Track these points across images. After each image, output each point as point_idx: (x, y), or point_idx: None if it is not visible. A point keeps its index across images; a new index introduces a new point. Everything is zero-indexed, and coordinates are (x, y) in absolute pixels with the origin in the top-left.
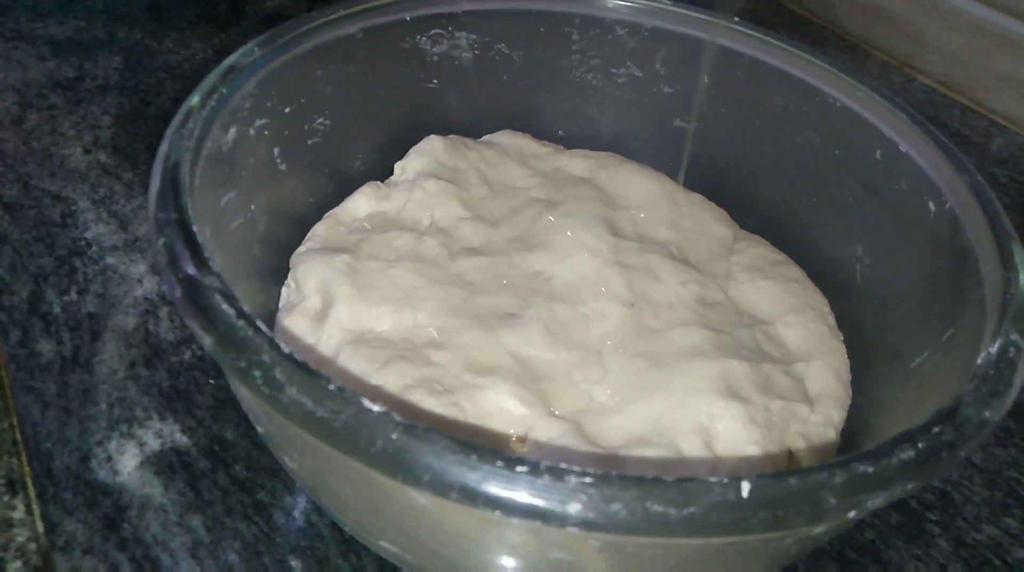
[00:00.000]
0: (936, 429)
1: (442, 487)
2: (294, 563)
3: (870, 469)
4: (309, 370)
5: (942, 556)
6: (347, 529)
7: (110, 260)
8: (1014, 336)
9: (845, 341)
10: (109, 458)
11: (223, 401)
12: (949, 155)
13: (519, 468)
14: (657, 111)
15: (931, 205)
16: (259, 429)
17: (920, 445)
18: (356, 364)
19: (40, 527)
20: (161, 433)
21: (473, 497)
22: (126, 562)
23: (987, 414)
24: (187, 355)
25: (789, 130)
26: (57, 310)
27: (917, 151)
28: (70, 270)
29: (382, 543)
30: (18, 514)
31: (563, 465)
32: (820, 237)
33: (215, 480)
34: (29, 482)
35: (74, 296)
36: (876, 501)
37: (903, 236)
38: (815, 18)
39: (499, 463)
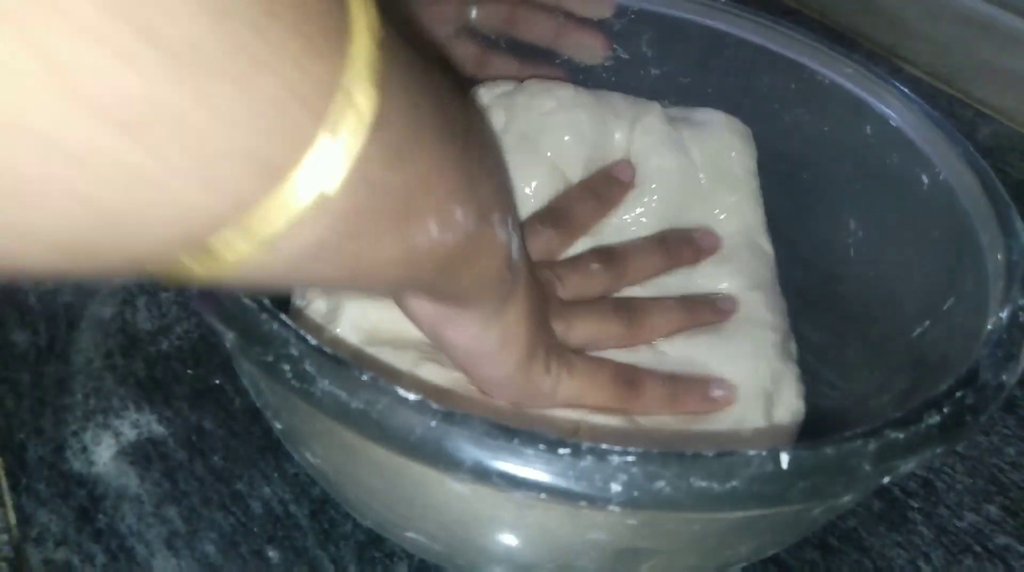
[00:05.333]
0: (959, 394)
1: (484, 473)
2: (272, 553)
3: (901, 435)
4: (340, 361)
5: (924, 543)
6: (367, 523)
7: None
8: (1023, 301)
9: (841, 316)
10: (84, 448)
11: (201, 391)
12: (941, 128)
13: (561, 450)
14: (643, 93)
15: (924, 178)
16: (277, 425)
17: (946, 410)
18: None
19: (12, 518)
20: (138, 423)
21: (516, 482)
22: (100, 553)
23: (1004, 377)
24: (164, 345)
25: (778, 108)
26: (32, 300)
27: (908, 125)
28: None
29: (409, 534)
30: None
31: (604, 445)
32: (812, 215)
33: (192, 470)
34: (2, 473)
35: (50, 285)
36: (908, 466)
37: (897, 209)
38: (802, 7)
39: (541, 446)
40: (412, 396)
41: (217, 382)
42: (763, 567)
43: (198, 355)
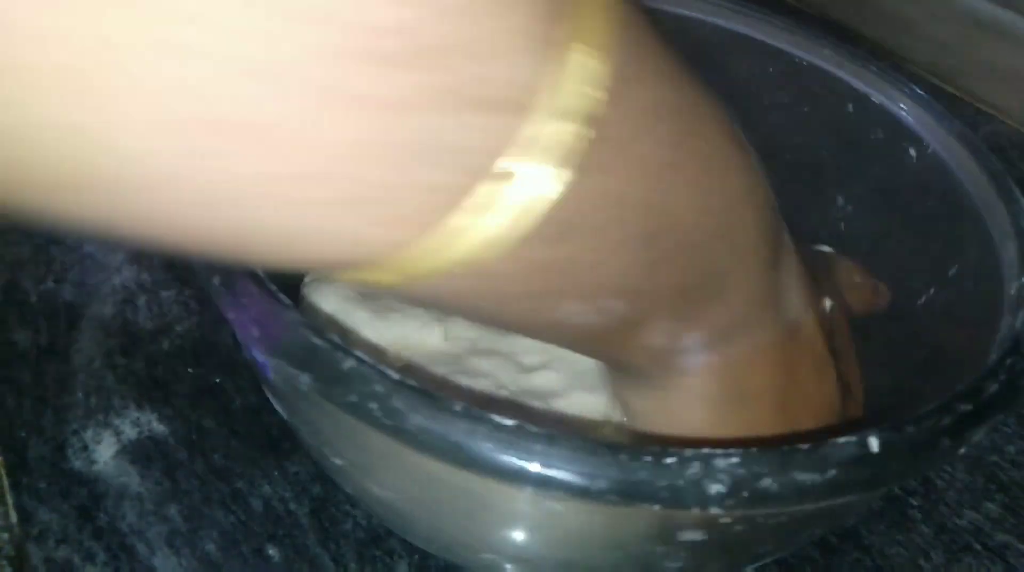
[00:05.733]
0: (1009, 361)
1: (597, 494)
2: (272, 551)
3: (970, 407)
4: (429, 394)
5: (924, 541)
6: (434, 549)
7: (88, 248)
8: None
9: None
10: (85, 447)
11: (201, 390)
12: (923, 103)
13: (667, 460)
14: None
15: (912, 151)
16: (336, 462)
17: (1002, 378)
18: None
19: (14, 517)
20: (138, 422)
21: (628, 496)
22: (101, 551)
23: None
24: (165, 344)
25: (756, 92)
26: (34, 299)
27: (891, 101)
28: (47, 258)
29: (483, 555)
30: None
31: (705, 450)
32: (798, 197)
33: (193, 469)
34: (2, 472)
35: (51, 285)
36: (978, 435)
37: (885, 183)
38: (804, 6)
39: (648, 458)
40: (510, 421)
41: (217, 381)
42: (763, 566)
43: (198, 354)
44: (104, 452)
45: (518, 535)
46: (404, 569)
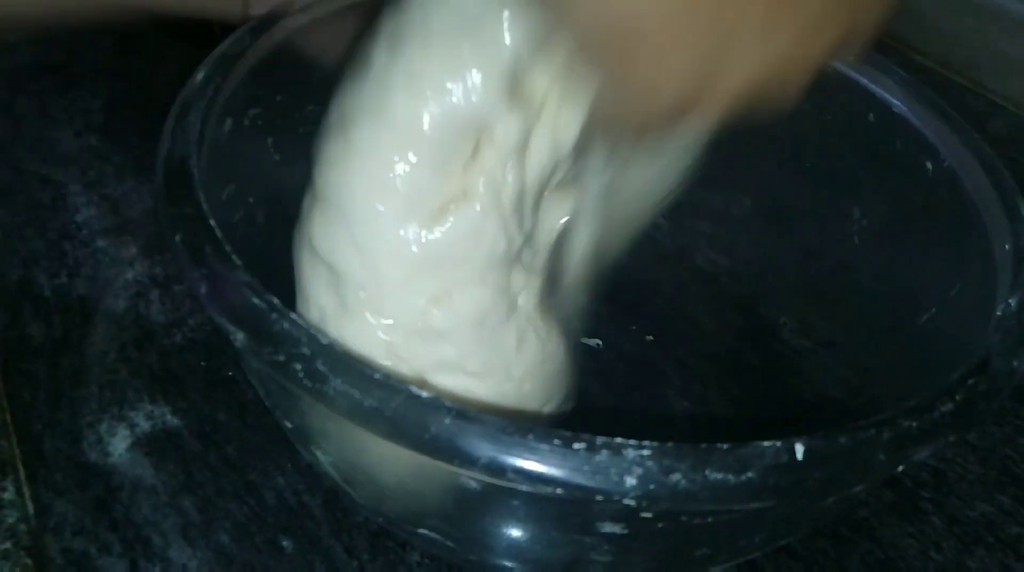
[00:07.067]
0: (971, 381)
1: (499, 470)
2: (285, 543)
3: (914, 424)
4: (353, 360)
5: (935, 533)
6: (380, 520)
7: (100, 243)
8: None
9: (850, 306)
10: (100, 440)
11: (214, 383)
12: (944, 115)
13: (576, 445)
14: None
15: (928, 164)
16: (287, 424)
17: (958, 397)
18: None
19: (31, 508)
20: (152, 415)
21: (531, 478)
22: (117, 543)
23: (1015, 364)
24: (178, 337)
25: None
26: (47, 293)
27: (912, 112)
28: (60, 253)
29: (420, 531)
30: (8, 495)
31: (618, 439)
32: (817, 205)
33: (206, 461)
34: (20, 464)
35: (64, 279)
36: (921, 454)
37: (902, 197)
38: None
39: (556, 441)
40: (425, 393)
41: (230, 374)
42: (775, 556)
43: (211, 347)
44: (119, 445)
45: (447, 510)
46: (416, 560)
